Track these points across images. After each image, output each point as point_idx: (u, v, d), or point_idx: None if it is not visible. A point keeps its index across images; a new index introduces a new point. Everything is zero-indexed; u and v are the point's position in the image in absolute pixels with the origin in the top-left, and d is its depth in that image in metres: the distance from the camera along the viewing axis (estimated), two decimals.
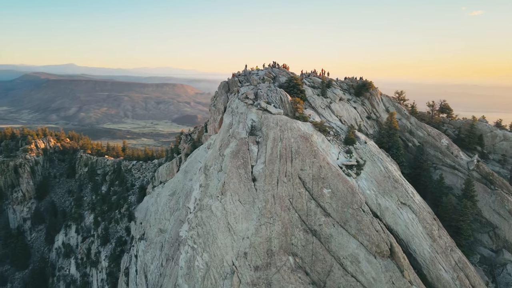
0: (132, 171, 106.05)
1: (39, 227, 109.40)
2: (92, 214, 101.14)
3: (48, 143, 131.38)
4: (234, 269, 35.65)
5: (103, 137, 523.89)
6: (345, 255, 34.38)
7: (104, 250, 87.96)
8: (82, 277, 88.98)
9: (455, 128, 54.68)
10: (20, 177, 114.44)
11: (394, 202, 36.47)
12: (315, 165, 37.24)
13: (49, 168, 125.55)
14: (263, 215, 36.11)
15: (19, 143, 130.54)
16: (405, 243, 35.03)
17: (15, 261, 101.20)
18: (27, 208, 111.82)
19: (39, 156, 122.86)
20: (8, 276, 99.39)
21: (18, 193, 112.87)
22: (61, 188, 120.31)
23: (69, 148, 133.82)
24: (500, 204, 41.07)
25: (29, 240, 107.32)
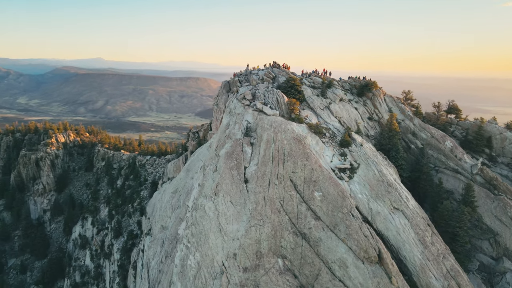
0: (146, 166, 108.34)
1: (58, 218, 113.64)
2: (107, 207, 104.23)
3: (68, 137, 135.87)
4: (224, 269, 36.09)
5: (128, 130, 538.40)
6: (334, 259, 34.19)
7: (117, 243, 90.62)
8: (96, 268, 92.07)
9: (463, 130, 52.96)
10: (41, 170, 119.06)
11: (387, 206, 35.86)
12: (306, 167, 37.03)
13: (69, 161, 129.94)
14: (253, 217, 36.30)
15: (41, 137, 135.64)
16: (395, 249, 34.48)
17: (34, 251, 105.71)
18: (47, 200, 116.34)
19: (59, 150, 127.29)
20: (28, 264, 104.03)
21: (39, 185, 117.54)
22: (79, 181, 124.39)
23: (88, 143, 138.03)
24: (503, 211, 39.66)
25: (48, 230, 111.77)
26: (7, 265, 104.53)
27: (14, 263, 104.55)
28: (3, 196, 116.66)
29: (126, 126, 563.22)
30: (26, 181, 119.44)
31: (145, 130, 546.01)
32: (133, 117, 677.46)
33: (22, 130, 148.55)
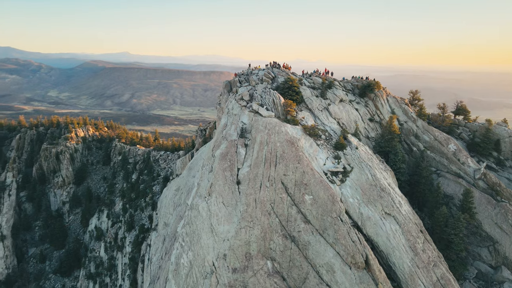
0: (159, 161, 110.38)
1: (76, 210, 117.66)
2: (121, 201, 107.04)
3: (87, 132, 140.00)
4: (214, 269, 36.60)
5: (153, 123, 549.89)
6: (322, 263, 34.09)
7: (129, 236, 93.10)
8: (109, 259, 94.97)
9: (471, 132, 51.29)
10: (60, 163, 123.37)
11: (378, 212, 35.32)
12: (298, 170, 36.90)
13: (87, 155, 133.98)
14: (243, 218, 36.57)
15: (62, 131, 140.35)
16: (385, 255, 34.00)
17: (53, 241, 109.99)
18: (66, 192, 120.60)
19: (78, 144, 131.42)
20: (47, 254, 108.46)
21: (59, 178, 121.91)
22: (97, 175, 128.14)
23: (106, 137, 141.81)
24: (503, 218, 38.30)
25: (67, 222, 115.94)
26: (28, 254, 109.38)
27: (34, 252, 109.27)
28: (26, 187, 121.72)
29: (150, 119, 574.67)
30: (47, 173, 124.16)
31: (169, 123, 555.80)
32: (158, 110, 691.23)
33: (45, 124, 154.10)
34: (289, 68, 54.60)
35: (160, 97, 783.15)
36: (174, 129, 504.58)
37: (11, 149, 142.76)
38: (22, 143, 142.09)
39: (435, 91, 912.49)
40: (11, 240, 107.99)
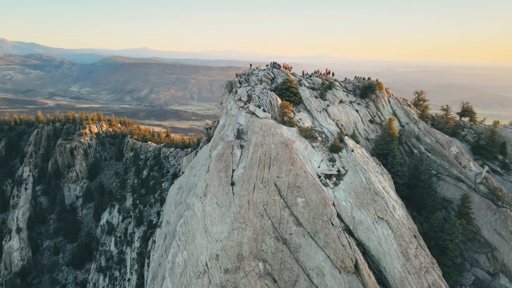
0: (169, 158, 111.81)
1: (89, 204, 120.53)
2: (132, 197, 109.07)
3: (101, 128, 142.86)
4: (206, 269, 37.05)
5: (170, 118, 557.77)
6: (312, 266, 34.12)
7: (138, 231, 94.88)
8: (119, 254, 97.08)
9: (476, 134, 50.05)
10: (75, 159, 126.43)
11: (371, 216, 34.98)
12: (291, 172, 36.88)
13: (101, 151, 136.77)
14: (236, 219, 36.83)
15: (77, 127, 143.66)
16: (376, 260, 33.71)
17: (67, 234, 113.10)
18: (79, 187, 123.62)
19: (92, 140, 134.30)
20: (60, 247, 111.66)
21: (73, 173, 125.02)
22: (109, 170, 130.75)
23: (119, 133, 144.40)
24: (503, 224, 37.35)
25: (80, 216, 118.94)
26: (42, 246, 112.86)
27: (49, 244, 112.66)
28: (41, 182, 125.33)
29: (168, 114, 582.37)
30: (61, 168, 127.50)
31: (186, 118, 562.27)
32: (175, 106, 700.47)
33: (61, 119, 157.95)
34: (289, 68, 54.33)
35: (178, 92, 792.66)
36: (191, 124, 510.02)
37: (29, 144, 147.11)
38: (39, 138, 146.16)
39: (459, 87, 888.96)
40: (27, 233, 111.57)
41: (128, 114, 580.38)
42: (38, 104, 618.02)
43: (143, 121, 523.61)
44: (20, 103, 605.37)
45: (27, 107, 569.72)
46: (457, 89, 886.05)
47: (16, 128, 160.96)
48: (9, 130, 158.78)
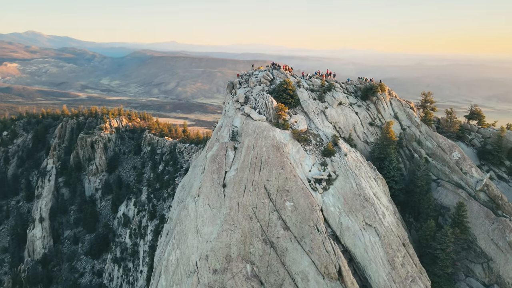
0: (184, 154, 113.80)
1: (107, 197, 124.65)
2: (147, 190, 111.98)
3: (121, 122, 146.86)
4: (196, 269, 37.82)
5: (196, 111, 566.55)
6: (297, 271, 34.24)
7: (151, 225, 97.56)
8: (133, 246, 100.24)
9: (483, 138, 48.21)
10: (95, 152, 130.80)
11: (359, 222, 34.59)
12: (281, 176, 36.93)
13: (120, 144, 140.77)
14: (226, 221, 37.31)
15: (98, 121, 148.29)
16: (361, 267, 33.42)
17: (86, 225, 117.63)
18: (99, 180, 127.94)
19: (112, 134, 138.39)
20: (80, 237, 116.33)
21: (93, 166, 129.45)
22: (128, 164, 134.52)
23: (138, 128, 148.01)
24: (501, 234, 36.01)
25: (98, 207, 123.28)
26: (63, 235, 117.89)
27: (69, 234, 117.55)
28: (63, 174, 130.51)
29: (194, 107, 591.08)
30: (82, 161, 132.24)
31: (212, 111, 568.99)
32: (201, 99, 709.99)
33: (85, 113, 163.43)
34: (289, 69, 53.85)
35: (204, 86, 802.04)
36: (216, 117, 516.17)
37: (54, 136, 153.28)
38: (64, 131, 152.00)
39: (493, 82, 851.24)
40: (49, 222, 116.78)
41: (155, 107, 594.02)
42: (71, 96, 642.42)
43: (169, 114, 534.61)
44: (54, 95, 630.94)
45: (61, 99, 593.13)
46: (491, 84, 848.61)
47: (43, 121, 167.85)
48: (37, 123, 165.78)
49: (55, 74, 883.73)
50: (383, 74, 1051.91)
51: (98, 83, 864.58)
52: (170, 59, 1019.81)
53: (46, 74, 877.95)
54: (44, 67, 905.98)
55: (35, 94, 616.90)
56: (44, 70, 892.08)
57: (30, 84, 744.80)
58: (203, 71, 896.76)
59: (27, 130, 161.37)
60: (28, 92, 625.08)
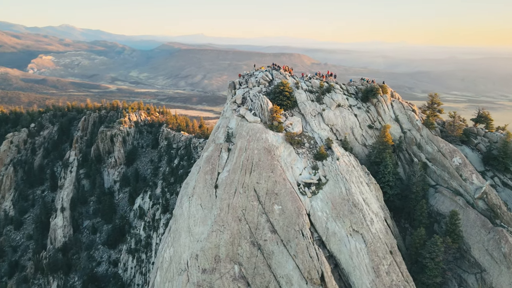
0: (198, 149, 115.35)
1: (125, 189, 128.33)
2: (162, 184, 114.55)
3: (140, 117, 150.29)
4: (186, 268, 38.73)
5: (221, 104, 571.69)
6: (282, 274, 34.48)
7: (163, 218, 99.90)
8: (146, 238, 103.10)
9: (490, 143, 46.34)
10: (114, 145, 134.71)
11: (346, 228, 34.33)
12: (270, 179, 37.08)
13: (138, 138, 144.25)
14: (216, 222, 37.93)
15: (119, 115, 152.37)
16: (346, 273, 33.28)
17: (104, 216, 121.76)
18: (117, 172, 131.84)
19: (131, 128, 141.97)
20: (98, 227, 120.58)
21: (112, 159, 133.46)
22: (145, 157, 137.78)
23: (156, 122, 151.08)
24: (496, 245, 34.77)
25: (116, 199, 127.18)
26: (82, 225, 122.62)
27: (88, 224, 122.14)
28: (84, 165, 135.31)
29: (219, 100, 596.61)
30: (102, 154, 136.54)
31: None
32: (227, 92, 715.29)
33: (107, 107, 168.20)
34: (290, 70, 53.35)
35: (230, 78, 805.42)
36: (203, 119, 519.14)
37: (78, 129, 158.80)
38: (86, 124, 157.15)
39: None
40: (69, 212, 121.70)
41: (182, 99, 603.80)
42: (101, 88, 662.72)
43: (195, 106, 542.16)
44: (86, 87, 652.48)
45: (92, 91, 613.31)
46: None
47: (67, 114, 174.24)
48: (62, 116, 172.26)
49: (87, 67, 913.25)
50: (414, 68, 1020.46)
51: (127, 75, 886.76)
52: (197, 52, 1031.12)
53: (79, 66, 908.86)
54: (77, 60, 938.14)
55: (68, 86, 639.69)
56: (76, 63, 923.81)
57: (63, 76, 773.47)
58: (229, 64, 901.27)
59: (53, 123, 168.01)
60: (62, 84, 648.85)
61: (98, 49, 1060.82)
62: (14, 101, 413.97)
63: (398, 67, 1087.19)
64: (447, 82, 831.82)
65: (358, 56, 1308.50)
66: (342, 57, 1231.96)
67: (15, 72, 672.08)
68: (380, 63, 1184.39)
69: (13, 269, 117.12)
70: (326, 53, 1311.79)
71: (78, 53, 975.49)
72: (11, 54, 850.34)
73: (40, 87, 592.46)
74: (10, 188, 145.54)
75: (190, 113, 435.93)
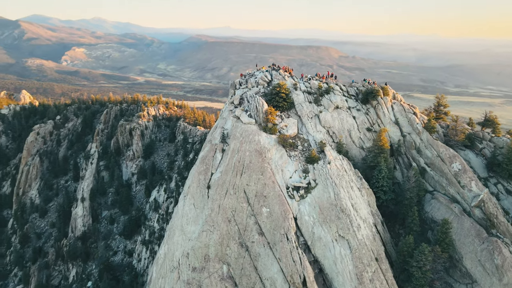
0: None
1: (142, 181, 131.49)
2: (176, 178, 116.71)
3: (158, 111, 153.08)
4: (178, 265, 39.73)
5: None
6: (267, 276, 34.86)
7: None
8: (159, 230, 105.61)
9: (496, 148, 44.65)
10: (132, 138, 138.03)
11: (332, 233, 34.21)
12: (260, 181, 37.33)
13: (156, 132, 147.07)
14: (206, 222, 38.64)
15: (138, 109, 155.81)
16: (329, 279, 33.26)
17: (121, 207, 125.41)
18: (135, 165, 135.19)
19: (149, 122, 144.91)
20: (115, 217, 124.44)
21: (130, 152, 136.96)
22: (162, 151, 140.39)
23: (174, 116, 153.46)
24: (489, 256, 33.77)
25: (133, 191, 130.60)
26: (101, 215, 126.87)
27: (106, 214, 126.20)
28: (104, 158, 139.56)
29: None
30: (121, 147, 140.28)
31: None
32: None
33: (128, 101, 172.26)
34: (290, 71, 52.90)
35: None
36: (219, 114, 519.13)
37: (100, 122, 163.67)
38: (108, 117, 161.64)
39: None
40: (89, 203, 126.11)
41: (208, 91, 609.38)
42: (130, 80, 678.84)
43: (221, 99, 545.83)
44: (116, 79, 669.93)
45: (121, 83, 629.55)
46: None
47: (91, 107, 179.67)
48: (86, 109, 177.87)
49: (117, 59, 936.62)
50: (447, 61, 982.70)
51: (155, 67, 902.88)
52: (224, 44, 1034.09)
53: (109, 58, 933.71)
54: (108, 52, 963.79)
55: (99, 78, 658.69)
56: (107, 55, 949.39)
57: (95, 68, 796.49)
58: (255, 57, 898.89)
59: (77, 115, 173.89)
60: (93, 75, 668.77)
61: (128, 42, 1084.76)
62: (48, 92, 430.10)
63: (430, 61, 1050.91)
64: (482, 77, 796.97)
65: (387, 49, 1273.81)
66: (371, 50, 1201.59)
67: (50, 64, 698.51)
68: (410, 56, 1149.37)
69: (36, 255, 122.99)
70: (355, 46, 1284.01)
71: (109, 46, 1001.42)
72: (46, 46, 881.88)
73: (72, 79, 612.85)
74: (36, 177, 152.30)
75: (216, 106, 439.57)
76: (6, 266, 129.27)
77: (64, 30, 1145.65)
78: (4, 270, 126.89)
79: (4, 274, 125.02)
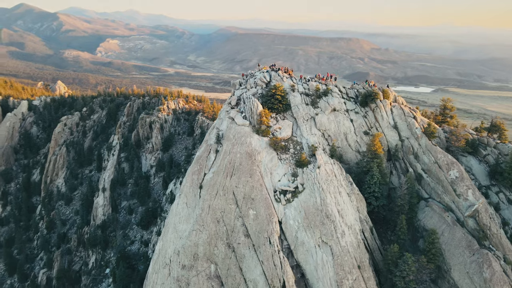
0: None
1: (160, 174, 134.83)
2: None
3: (178, 105, 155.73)
4: (169, 262, 40.92)
5: None
6: (251, 278, 35.43)
7: None
8: None
9: (501, 155, 42.86)
10: (152, 131, 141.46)
11: (315, 239, 34.22)
12: (248, 184, 37.73)
13: (176, 125, 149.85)
14: (197, 221, 39.52)
15: (159, 102, 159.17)
16: (310, 284, 33.34)
17: (140, 198, 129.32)
18: (154, 157, 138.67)
19: (168, 115, 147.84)
20: (134, 208, 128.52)
21: (150, 144, 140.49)
22: (181, 144, 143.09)
23: (193, 110, 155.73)
24: (477, 268, 32.78)
25: (152, 183, 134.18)
26: (120, 205, 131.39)
27: (125, 205, 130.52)
28: (125, 149, 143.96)
29: None
30: (141, 139, 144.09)
31: None
32: None
33: (150, 94, 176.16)
34: (289, 72, 52.38)
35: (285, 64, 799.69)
36: None
37: (123, 115, 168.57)
38: (131, 110, 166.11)
39: None
40: (109, 193, 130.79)
41: None
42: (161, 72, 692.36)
43: None
44: (147, 70, 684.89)
45: (152, 74, 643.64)
46: None
47: (116, 99, 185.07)
48: (110, 101, 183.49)
49: (149, 50, 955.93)
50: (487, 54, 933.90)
51: (185, 59, 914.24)
52: (253, 36, 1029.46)
53: (141, 50, 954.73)
54: (140, 44, 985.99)
55: (131, 69, 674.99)
56: (139, 47, 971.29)
57: (127, 59, 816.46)
58: (284, 49, 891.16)
59: (102, 107, 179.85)
60: (126, 66, 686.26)
61: (160, 34, 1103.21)
62: (83, 82, 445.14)
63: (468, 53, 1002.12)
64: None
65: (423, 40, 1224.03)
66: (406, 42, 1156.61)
67: (85, 55, 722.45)
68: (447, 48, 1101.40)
69: (60, 241, 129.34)
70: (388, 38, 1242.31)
71: (141, 37, 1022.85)
72: (82, 38, 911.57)
73: (106, 70, 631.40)
74: (63, 166, 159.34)
75: None
76: (34, 250, 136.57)
77: (99, 22, 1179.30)
78: (31, 254, 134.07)
79: (31, 257, 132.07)
